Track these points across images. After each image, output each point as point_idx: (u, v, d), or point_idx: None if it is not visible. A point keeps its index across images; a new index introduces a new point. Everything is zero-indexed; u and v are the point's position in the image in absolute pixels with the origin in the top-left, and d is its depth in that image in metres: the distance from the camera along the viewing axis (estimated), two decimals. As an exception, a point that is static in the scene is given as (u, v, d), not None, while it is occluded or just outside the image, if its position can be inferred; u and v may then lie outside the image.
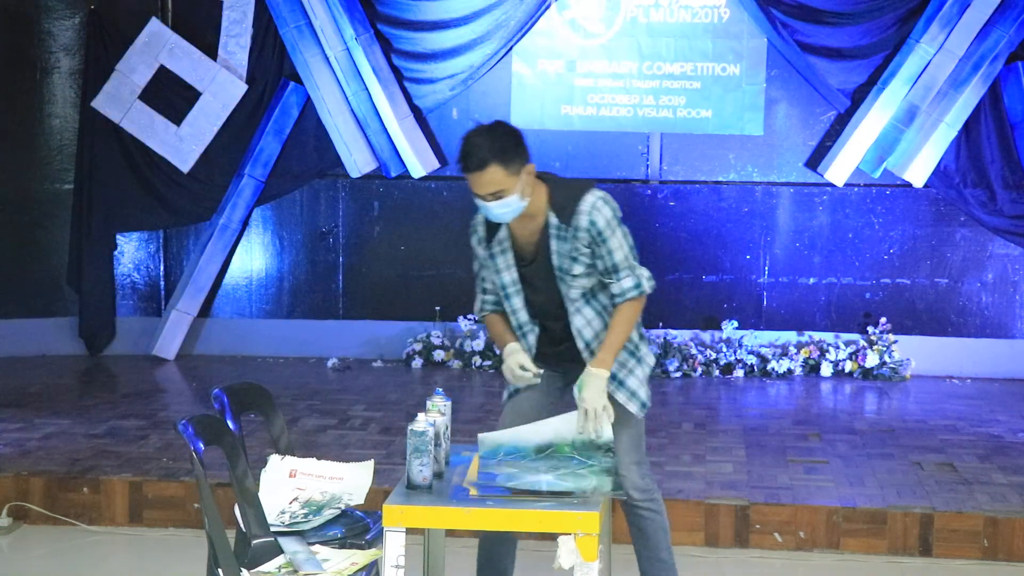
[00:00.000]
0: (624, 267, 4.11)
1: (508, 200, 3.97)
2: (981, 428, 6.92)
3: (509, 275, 4.18)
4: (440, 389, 3.92)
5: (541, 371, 4.13)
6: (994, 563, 5.34)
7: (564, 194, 4.08)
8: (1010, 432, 6.84)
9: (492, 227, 4.18)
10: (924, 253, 8.48)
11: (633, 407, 4.17)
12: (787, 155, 8.57)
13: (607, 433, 3.89)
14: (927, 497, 5.59)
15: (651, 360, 4.30)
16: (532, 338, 4.22)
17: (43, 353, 8.81)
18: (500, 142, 3.95)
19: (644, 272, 4.16)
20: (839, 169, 8.32)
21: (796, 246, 8.57)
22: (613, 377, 4.15)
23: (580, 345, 4.16)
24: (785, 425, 6.98)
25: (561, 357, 4.23)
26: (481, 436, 3.92)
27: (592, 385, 3.97)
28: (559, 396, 4.29)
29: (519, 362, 4.12)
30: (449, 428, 3.88)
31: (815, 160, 8.48)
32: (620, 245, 4.09)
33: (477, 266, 4.30)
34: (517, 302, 4.20)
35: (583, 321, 4.15)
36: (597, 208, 4.04)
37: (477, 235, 4.26)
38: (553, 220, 4.07)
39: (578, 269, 4.09)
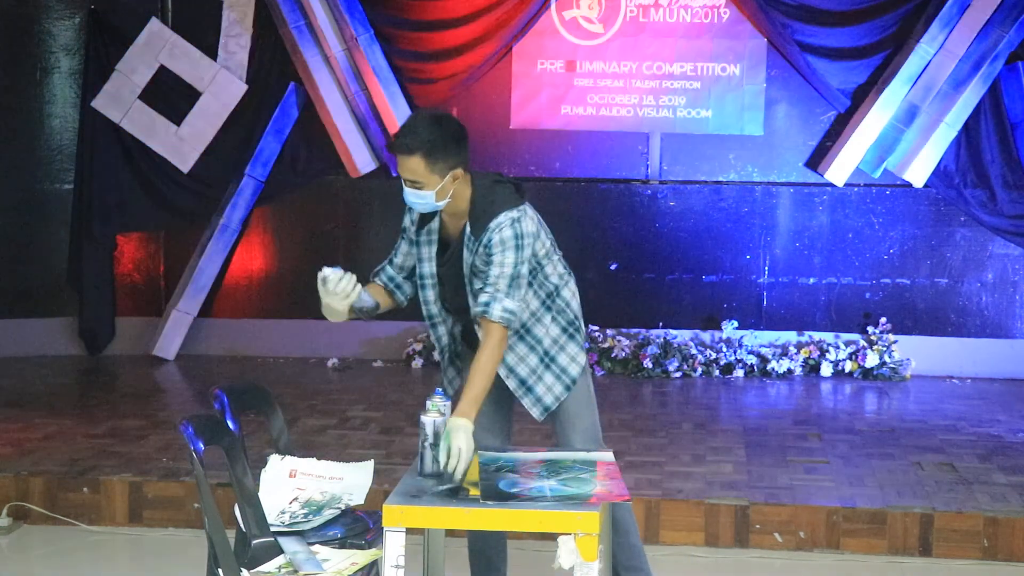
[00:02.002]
0: (490, 284, 3.98)
1: (423, 193, 3.96)
2: (981, 428, 6.92)
3: (429, 267, 4.18)
4: (440, 389, 3.92)
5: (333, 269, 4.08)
6: (994, 563, 5.33)
7: (483, 207, 4.01)
8: (1010, 432, 6.84)
9: (426, 215, 4.15)
10: (924, 253, 8.48)
11: (536, 412, 4.20)
12: (787, 155, 8.57)
13: (458, 476, 3.72)
14: (927, 497, 5.59)
15: (578, 362, 4.22)
16: (442, 329, 4.23)
17: (43, 353, 8.81)
18: (436, 137, 3.90)
19: (507, 303, 3.96)
20: (839, 169, 8.32)
21: (796, 246, 8.57)
22: (522, 384, 4.17)
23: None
24: (785, 425, 6.98)
25: (452, 351, 4.28)
26: (481, 453, 3.95)
27: (457, 435, 3.76)
28: (510, 393, 4.26)
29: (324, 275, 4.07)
30: (449, 428, 3.87)
31: (815, 160, 8.49)
32: (501, 264, 3.98)
33: (400, 239, 4.26)
34: (430, 295, 4.20)
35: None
36: (501, 226, 3.97)
37: (411, 215, 4.20)
38: (467, 230, 4.05)
39: (478, 284, 4.04)
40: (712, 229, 8.60)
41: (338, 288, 4.12)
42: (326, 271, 4.07)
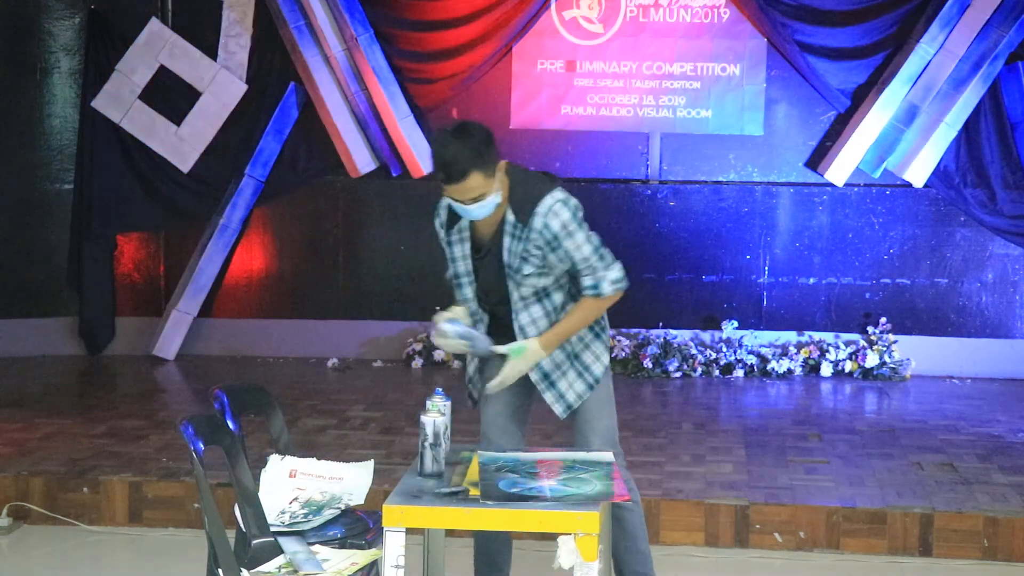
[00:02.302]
0: (584, 268, 4.08)
1: (487, 201, 3.98)
2: (981, 428, 6.92)
3: (464, 265, 4.19)
4: (440, 389, 3.92)
5: (472, 341, 4.09)
6: (994, 563, 5.33)
7: (524, 192, 4.04)
8: (1010, 432, 6.84)
9: (453, 215, 4.16)
10: (924, 253, 8.48)
11: (558, 408, 4.22)
12: (787, 155, 8.57)
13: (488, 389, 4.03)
14: (927, 497, 5.59)
15: (602, 362, 4.28)
16: (481, 327, 4.24)
17: (43, 353, 8.81)
18: (476, 148, 3.91)
19: (610, 274, 4.11)
20: (839, 169, 8.32)
21: (796, 246, 8.57)
22: (546, 377, 4.20)
23: (518, 339, 4.15)
24: (785, 425, 6.98)
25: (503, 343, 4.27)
26: (480, 453, 3.95)
27: (524, 358, 4.02)
28: (529, 392, 4.31)
29: (445, 319, 4.10)
30: (449, 428, 3.88)
31: (815, 160, 8.49)
32: (579, 247, 4.05)
33: (445, 246, 4.29)
34: (468, 292, 4.22)
35: (528, 319, 4.15)
36: (554, 212, 4.01)
37: (439, 219, 4.25)
38: (510, 217, 4.05)
39: (528, 269, 4.06)
40: (712, 229, 8.60)
41: (448, 344, 4.14)
42: (444, 327, 4.10)
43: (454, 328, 4.08)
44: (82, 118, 8.75)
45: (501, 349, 4.09)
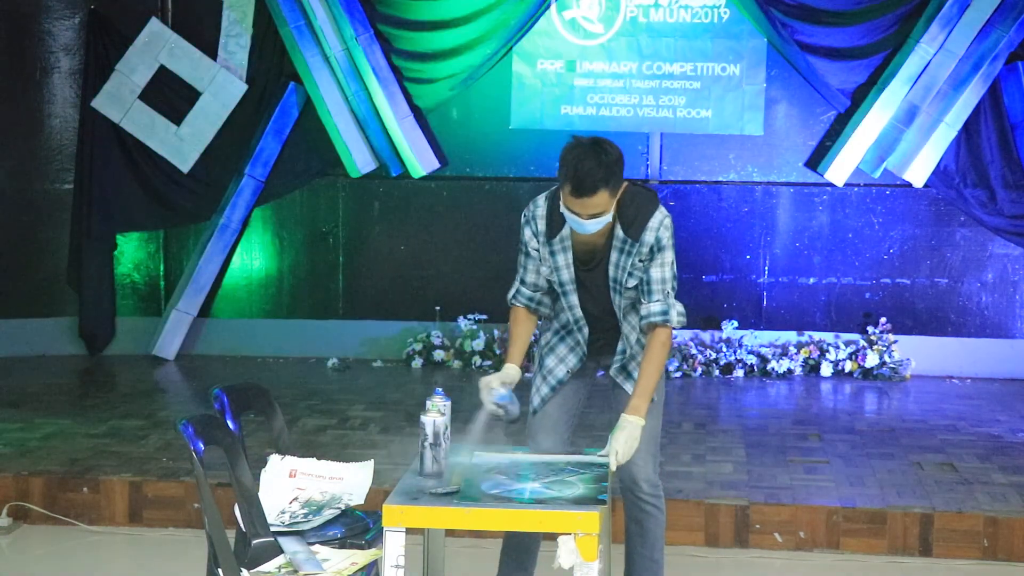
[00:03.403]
0: (658, 290, 4.11)
1: (603, 219, 4.01)
2: (981, 428, 6.92)
3: (568, 273, 4.19)
4: (440, 389, 3.92)
5: (502, 394, 4.07)
6: (994, 563, 5.34)
7: (634, 209, 4.08)
8: (1010, 432, 6.84)
9: (554, 224, 4.15)
10: (924, 253, 8.48)
11: (629, 387, 4.22)
12: (787, 155, 8.57)
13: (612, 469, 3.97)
14: (927, 497, 5.59)
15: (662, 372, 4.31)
16: (582, 336, 4.26)
17: (43, 353, 8.81)
18: (611, 169, 3.95)
19: (678, 306, 4.15)
20: (839, 169, 8.32)
21: (796, 246, 8.57)
22: (623, 369, 4.23)
23: (619, 347, 4.23)
24: (785, 425, 6.98)
25: (594, 350, 4.30)
26: (476, 453, 3.95)
27: (627, 432, 4.00)
28: (591, 380, 4.38)
29: (502, 381, 4.08)
30: (449, 428, 3.88)
31: (815, 160, 8.49)
32: (664, 265, 4.10)
33: (523, 256, 4.27)
34: (573, 299, 4.23)
35: (629, 327, 4.22)
36: (664, 226, 4.09)
37: (532, 227, 4.22)
38: (620, 233, 4.08)
39: (632, 282, 4.13)
40: (712, 229, 8.60)
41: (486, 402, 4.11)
42: (494, 394, 4.08)
43: (499, 395, 4.07)
44: (82, 118, 8.75)
45: (602, 455, 4.04)
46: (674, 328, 4.13)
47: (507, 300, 4.32)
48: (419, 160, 8.56)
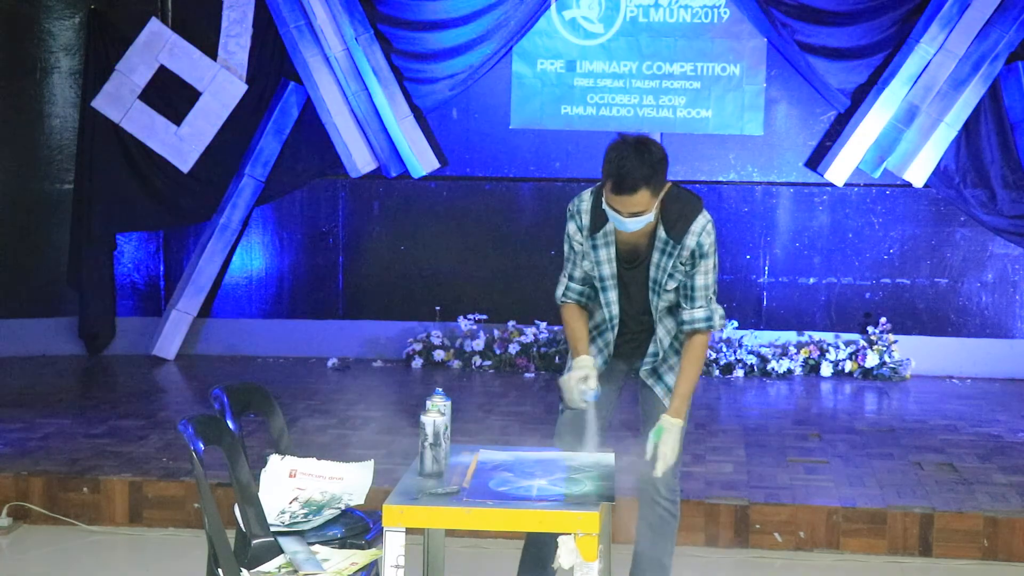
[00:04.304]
0: (702, 296, 4.13)
1: (644, 218, 4.01)
2: (981, 428, 6.92)
3: (609, 268, 4.19)
4: (440, 389, 3.91)
5: (595, 392, 4.10)
6: (994, 563, 5.33)
7: (677, 211, 4.09)
8: (1010, 432, 6.84)
9: (598, 218, 4.15)
10: (924, 253, 8.48)
11: (659, 390, 4.25)
12: (787, 155, 8.57)
13: (658, 475, 4.04)
14: (927, 497, 5.59)
15: None
16: (611, 336, 4.25)
17: (43, 353, 8.81)
18: (653, 168, 3.95)
19: (719, 310, 4.18)
20: (839, 169, 8.32)
21: (796, 246, 8.57)
22: (654, 372, 4.24)
23: (651, 349, 4.24)
24: (785, 425, 6.98)
25: (624, 351, 4.30)
26: (482, 451, 3.95)
27: (670, 435, 4.03)
28: (622, 382, 4.38)
29: (585, 375, 4.09)
30: (449, 428, 3.88)
31: (815, 160, 8.49)
32: (708, 272, 4.12)
33: (568, 249, 4.25)
34: (612, 296, 4.22)
35: (664, 331, 4.23)
36: (707, 231, 4.10)
37: (576, 222, 4.20)
38: (662, 234, 4.09)
39: (671, 284, 4.14)
40: (712, 229, 8.59)
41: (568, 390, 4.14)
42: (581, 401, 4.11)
43: (592, 394, 4.09)
44: (82, 118, 8.75)
45: (648, 447, 4.08)
46: (716, 330, 4.18)
47: (556, 299, 4.30)
48: (419, 160, 8.56)
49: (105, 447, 6.34)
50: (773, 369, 8.29)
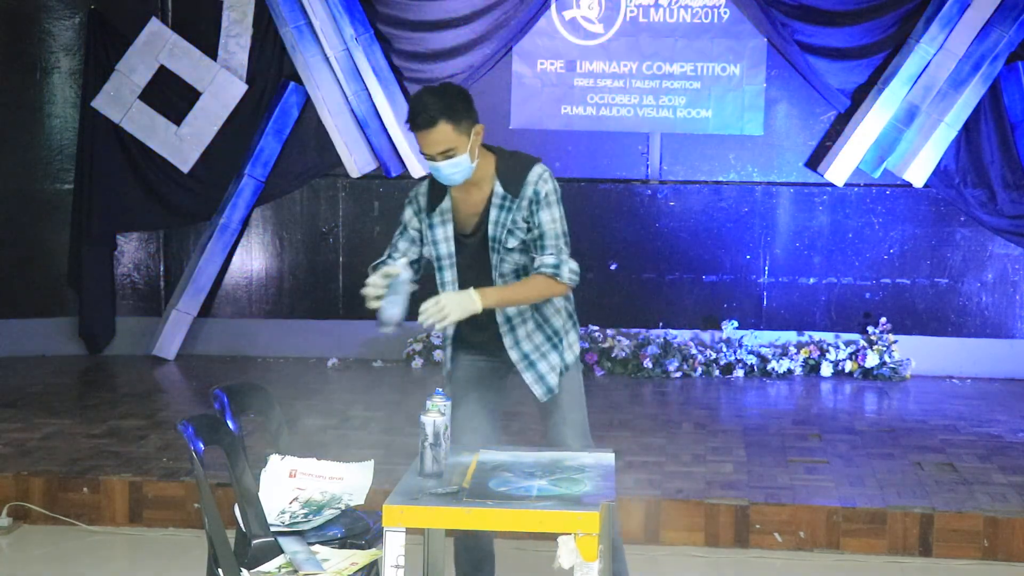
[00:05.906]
0: (552, 245, 4.09)
1: (458, 160, 3.99)
2: (981, 428, 6.92)
3: (446, 247, 4.19)
4: (440, 389, 3.91)
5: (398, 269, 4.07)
6: (994, 563, 5.33)
7: (512, 164, 4.10)
8: (1010, 432, 6.84)
9: (435, 197, 4.17)
10: (924, 253, 8.48)
11: (538, 390, 4.22)
12: (787, 155, 8.57)
13: (423, 321, 3.99)
14: (927, 497, 5.59)
15: (574, 351, 4.30)
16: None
17: (43, 353, 8.81)
18: (449, 100, 3.96)
19: (571, 263, 4.12)
20: (839, 169, 8.32)
21: (796, 246, 8.57)
22: (525, 357, 4.20)
23: (500, 318, 4.17)
24: (785, 425, 6.98)
25: (485, 348, 4.26)
26: (482, 451, 3.95)
27: (452, 296, 4.02)
28: (502, 383, 4.33)
29: (383, 271, 4.07)
30: (449, 428, 3.88)
31: (815, 160, 8.49)
32: (554, 220, 4.09)
33: (398, 234, 4.28)
34: (448, 275, 4.22)
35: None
36: (544, 179, 4.09)
37: (415, 206, 4.23)
38: (499, 189, 4.09)
39: (512, 242, 4.10)
40: (712, 229, 8.61)
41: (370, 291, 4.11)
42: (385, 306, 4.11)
43: (388, 302, 4.08)
44: (82, 118, 8.75)
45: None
46: (566, 285, 4.10)
47: (369, 268, 4.21)
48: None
49: (105, 447, 6.34)
50: (773, 369, 8.29)
